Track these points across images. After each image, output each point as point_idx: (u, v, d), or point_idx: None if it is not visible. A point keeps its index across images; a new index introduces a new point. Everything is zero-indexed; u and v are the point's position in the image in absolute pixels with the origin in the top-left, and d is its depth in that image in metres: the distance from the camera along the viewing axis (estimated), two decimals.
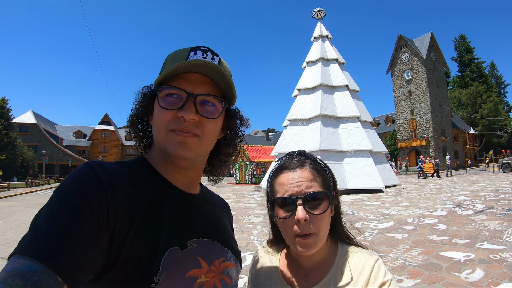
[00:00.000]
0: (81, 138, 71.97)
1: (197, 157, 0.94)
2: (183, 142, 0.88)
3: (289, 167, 1.06)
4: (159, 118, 0.90)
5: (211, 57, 0.96)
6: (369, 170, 18.82)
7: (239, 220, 10.28)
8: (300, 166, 1.06)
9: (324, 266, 1.08)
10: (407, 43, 56.32)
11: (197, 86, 0.91)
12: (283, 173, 1.06)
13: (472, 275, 4.62)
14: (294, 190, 1.00)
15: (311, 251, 0.99)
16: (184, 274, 0.84)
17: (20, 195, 25.43)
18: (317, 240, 0.99)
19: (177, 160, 0.91)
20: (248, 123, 1.12)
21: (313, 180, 1.02)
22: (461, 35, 78.03)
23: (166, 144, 0.89)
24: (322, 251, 1.09)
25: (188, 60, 0.90)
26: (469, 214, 9.51)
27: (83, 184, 0.74)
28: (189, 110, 0.88)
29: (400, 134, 56.67)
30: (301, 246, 0.98)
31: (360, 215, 10.43)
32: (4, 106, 51.81)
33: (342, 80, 22.39)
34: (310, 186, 1.01)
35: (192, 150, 0.90)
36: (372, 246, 6.55)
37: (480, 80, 71.36)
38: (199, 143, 0.91)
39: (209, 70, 0.90)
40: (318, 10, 25.35)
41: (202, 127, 0.91)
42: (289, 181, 1.03)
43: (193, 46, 0.97)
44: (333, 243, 1.13)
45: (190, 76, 0.91)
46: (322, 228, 1.00)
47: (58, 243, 0.64)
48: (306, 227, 0.97)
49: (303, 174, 1.03)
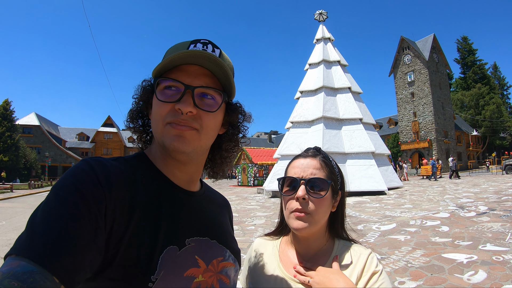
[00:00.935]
0: (84, 140, 71.92)
1: (196, 151, 0.92)
2: (180, 135, 0.86)
3: (303, 155, 1.22)
4: (156, 111, 0.89)
5: (212, 49, 0.94)
6: (371, 172, 18.78)
7: (241, 222, 10.29)
8: (312, 156, 1.20)
9: (322, 256, 1.16)
10: (409, 45, 56.18)
11: (196, 78, 0.89)
12: (297, 159, 1.22)
13: (474, 277, 4.62)
14: (300, 173, 1.13)
15: (303, 229, 1.08)
16: (181, 274, 0.84)
17: (23, 197, 25.50)
18: (311, 220, 1.08)
19: (175, 154, 0.89)
20: (251, 118, 1.11)
21: (319, 169, 1.15)
22: (463, 36, 77.82)
23: (164, 138, 0.87)
24: (320, 242, 1.19)
25: (187, 50, 0.88)
26: (472, 216, 9.48)
27: (81, 182, 0.73)
28: (186, 102, 0.86)
29: (403, 136, 56.48)
30: (295, 220, 1.08)
31: (362, 217, 10.42)
32: (7, 108, 51.90)
33: (344, 82, 22.34)
34: (315, 174, 1.13)
35: (189, 143, 0.88)
36: (374, 248, 6.55)
37: (483, 82, 71.03)
38: (197, 136, 0.89)
39: (208, 62, 0.88)
40: (320, 12, 25.34)
41: (201, 121, 0.89)
42: (298, 165, 1.17)
43: (194, 39, 0.96)
44: (331, 238, 1.23)
45: (189, 68, 0.89)
46: (317, 212, 1.09)
47: (55, 243, 0.63)
48: (303, 205, 1.08)
49: (312, 162, 1.16)
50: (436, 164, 29.93)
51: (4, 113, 50.97)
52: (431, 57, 54.50)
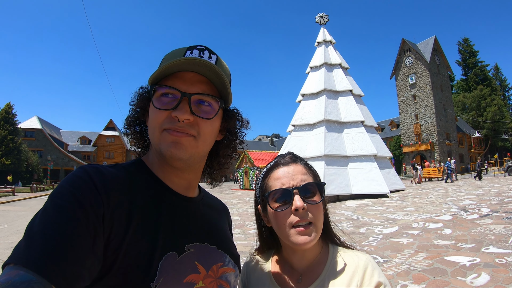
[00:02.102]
0: (86, 144, 72.05)
1: (193, 158, 0.92)
2: (177, 142, 0.86)
3: (282, 163, 1.10)
4: (153, 118, 0.89)
5: (208, 56, 0.94)
6: (373, 175, 18.73)
7: (243, 225, 10.30)
8: (293, 162, 1.10)
9: (317, 266, 1.09)
10: (410, 47, 56.28)
11: (192, 85, 0.89)
12: (277, 169, 1.09)
13: (477, 280, 4.61)
14: (290, 182, 1.03)
15: (310, 243, 0.99)
16: (181, 280, 0.83)
17: (24, 200, 25.53)
18: (316, 230, 1.01)
19: (172, 161, 0.89)
20: (248, 124, 1.11)
21: (306, 174, 1.07)
22: (464, 38, 77.84)
23: (161, 144, 0.87)
24: (314, 251, 1.10)
25: (183, 58, 0.88)
26: (475, 218, 9.46)
27: (78, 190, 0.73)
28: (183, 110, 0.86)
29: (405, 138, 56.48)
30: (300, 235, 0.99)
31: (364, 220, 10.42)
32: (9, 112, 52.19)
33: (346, 85, 22.30)
34: (304, 179, 1.04)
35: (186, 150, 0.88)
36: (376, 251, 6.55)
37: (485, 83, 70.99)
38: (194, 143, 0.89)
39: (204, 69, 0.88)
40: (321, 15, 25.36)
41: (198, 127, 0.89)
42: (284, 174, 1.06)
43: (190, 45, 0.96)
44: (324, 244, 1.15)
45: (185, 75, 0.89)
46: (319, 218, 1.02)
47: (53, 252, 0.62)
48: (303, 216, 0.99)
49: (297, 169, 1.07)
50: (451, 165, 28.54)
51: (6, 116, 51.28)
52: (432, 59, 54.60)
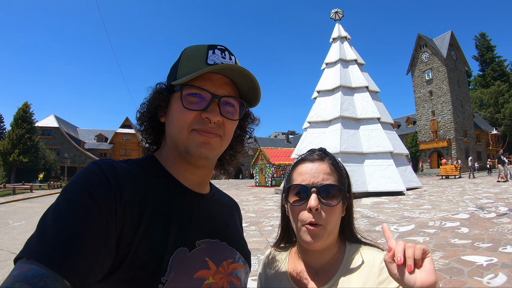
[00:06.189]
0: (103, 142, 72.86)
1: (216, 156, 0.96)
2: (206, 142, 0.89)
3: (309, 159, 1.11)
4: (180, 118, 0.90)
5: (229, 57, 0.97)
6: (390, 172, 18.56)
7: (258, 222, 10.33)
8: (319, 159, 1.10)
9: (333, 265, 1.09)
10: (427, 42, 55.54)
11: (220, 87, 0.91)
12: (303, 164, 1.11)
13: (494, 280, 4.58)
14: (310, 180, 1.05)
15: (316, 243, 1.00)
16: (192, 275, 0.84)
17: (42, 197, 25.98)
18: (324, 232, 1.01)
19: (197, 160, 0.91)
20: (257, 120, 1.14)
21: (330, 174, 1.07)
22: (481, 33, 76.73)
23: (188, 144, 0.89)
24: (332, 251, 1.10)
25: (209, 61, 0.91)
26: (492, 217, 9.34)
27: (91, 185, 0.74)
28: (215, 112, 0.89)
29: (421, 135, 55.88)
30: (308, 234, 1.01)
31: (380, 218, 10.36)
32: (27, 111, 53.28)
33: (361, 81, 22.10)
34: (326, 179, 1.05)
35: (214, 150, 0.91)
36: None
37: (502, 79, 69.77)
38: (220, 143, 0.93)
39: (234, 73, 0.92)
40: (336, 11, 25.15)
41: (224, 128, 0.92)
42: (307, 171, 1.07)
43: (210, 44, 0.97)
44: (342, 243, 1.15)
45: (212, 76, 0.91)
46: (330, 222, 1.02)
47: (65, 247, 0.63)
48: (316, 217, 1.00)
49: (321, 167, 1.07)
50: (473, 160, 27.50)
51: (24, 115, 52.36)
52: (449, 55, 53.80)
